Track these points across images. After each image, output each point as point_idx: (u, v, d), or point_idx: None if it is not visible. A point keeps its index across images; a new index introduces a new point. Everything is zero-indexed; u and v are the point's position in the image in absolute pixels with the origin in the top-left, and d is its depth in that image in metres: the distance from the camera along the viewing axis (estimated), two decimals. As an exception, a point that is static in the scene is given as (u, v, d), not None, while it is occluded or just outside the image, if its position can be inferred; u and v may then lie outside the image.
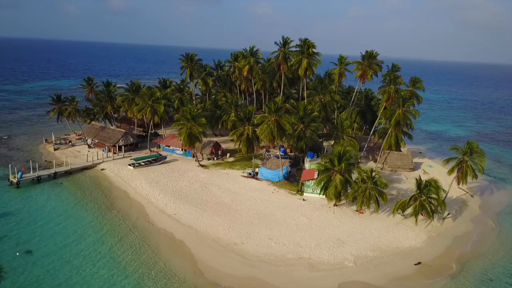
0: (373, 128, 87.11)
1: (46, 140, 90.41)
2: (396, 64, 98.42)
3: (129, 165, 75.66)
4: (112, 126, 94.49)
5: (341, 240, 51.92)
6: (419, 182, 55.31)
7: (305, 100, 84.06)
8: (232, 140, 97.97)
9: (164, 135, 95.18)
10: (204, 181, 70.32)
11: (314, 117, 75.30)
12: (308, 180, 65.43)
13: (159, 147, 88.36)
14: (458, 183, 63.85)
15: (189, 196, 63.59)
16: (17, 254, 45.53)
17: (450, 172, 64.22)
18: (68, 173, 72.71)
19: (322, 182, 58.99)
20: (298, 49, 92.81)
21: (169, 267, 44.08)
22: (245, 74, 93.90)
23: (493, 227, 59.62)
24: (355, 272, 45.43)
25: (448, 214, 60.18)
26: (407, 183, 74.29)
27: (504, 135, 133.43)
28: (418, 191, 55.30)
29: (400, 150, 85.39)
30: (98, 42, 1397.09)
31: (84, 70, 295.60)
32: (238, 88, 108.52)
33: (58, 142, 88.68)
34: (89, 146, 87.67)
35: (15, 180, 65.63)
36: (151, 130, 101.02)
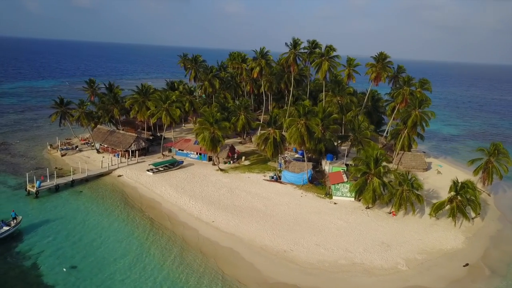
0: (387, 129, 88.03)
1: (50, 145, 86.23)
2: (401, 65, 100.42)
3: (148, 170, 73.29)
4: (117, 130, 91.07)
5: (385, 243, 52.08)
6: (456, 184, 56.29)
7: (323, 102, 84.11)
8: (240, 143, 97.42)
9: (173, 138, 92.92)
10: (229, 186, 69.03)
11: (333, 119, 75.54)
12: (337, 183, 65.40)
13: (171, 151, 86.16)
14: (484, 184, 65.54)
15: (221, 202, 62.19)
16: (64, 269, 42.95)
17: (476, 173, 65.81)
18: (84, 180, 69.69)
19: (358, 186, 59.10)
20: (306, 50, 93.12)
21: (236, 279, 42.81)
22: (255, 76, 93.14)
23: (519, 226, 61.50)
24: (411, 276, 45.61)
25: (478, 213, 61.53)
26: (425, 184, 75.39)
27: (493, 134, 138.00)
28: (454, 193, 56.29)
29: (410, 151, 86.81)
30: (64, 40, 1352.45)
31: (60, 70, 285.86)
32: (242, 90, 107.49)
33: (65, 147, 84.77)
34: (98, 151, 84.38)
35: (33, 190, 62.19)
36: (157, 133, 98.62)
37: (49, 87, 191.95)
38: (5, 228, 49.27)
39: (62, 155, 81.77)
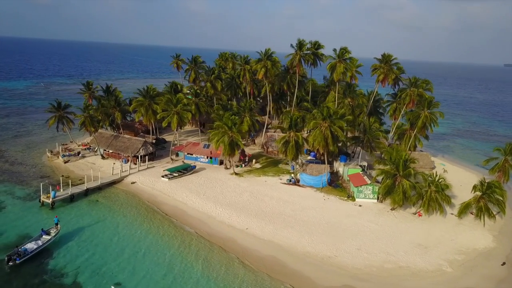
0: (393, 129, 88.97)
1: (51, 152, 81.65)
2: (401, 66, 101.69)
3: (163, 176, 70.79)
4: (121, 134, 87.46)
5: (422, 245, 52.45)
6: (483, 184, 57.62)
7: (335, 103, 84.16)
8: (244, 145, 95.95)
9: (178, 142, 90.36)
10: (250, 190, 67.64)
11: (346, 121, 75.63)
12: (361, 186, 65.52)
13: (178, 155, 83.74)
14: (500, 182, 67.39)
15: (248, 208, 60.78)
16: (112, 287, 40.51)
17: (493, 171, 67.63)
18: (97, 188, 66.40)
19: (387, 188, 59.39)
20: (309, 51, 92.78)
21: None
22: (260, 77, 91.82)
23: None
24: (457, 277, 46.04)
25: (498, 212, 63.29)
26: (436, 183, 77.05)
27: (477, 132, 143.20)
28: (481, 193, 57.61)
29: (415, 150, 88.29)
30: (23, 38, 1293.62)
31: (29, 70, 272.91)
32: (243, 91, 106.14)
33: (67, 154, 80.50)
34: (103, 157, 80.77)
35: (48, 201, 58.55)
36: (156, 136, 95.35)
37: (24, 88, 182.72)
38: (46, 237, 46.32)
39: (65, 162, 77.65)
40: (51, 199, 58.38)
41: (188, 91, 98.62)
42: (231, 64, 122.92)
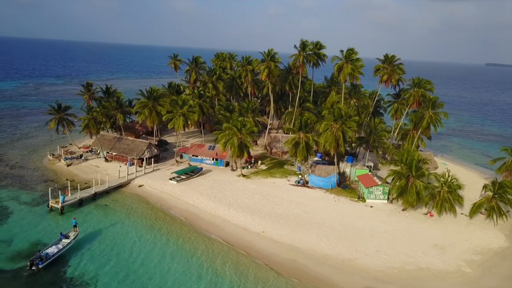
0: (397, 130, 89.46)
1: (52, 155, 79.66)
2: (401, 66, 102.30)
3: (171, 179, 69.72)
4: (123, 136, 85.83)
5: (438, 245, 52.65)
6: (495, 184, 58.20)
7: (341, 103, 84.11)
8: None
9: (180, 143, 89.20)
10: (259, 192, 67.06)
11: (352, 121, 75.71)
12: (371, 187, 65.57)
13: (182, 157, 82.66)
14: (507, 182, 68.27)
15: (261, 210, 60.17)
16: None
17: (501, 171, 68.52)
18: (105, 192, 64.99)
19: (400, 189, 59.50)
20: (311, 52, 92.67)
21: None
22: (263, 78, 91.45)
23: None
24: (478, 278, 46.24)
25: (508, 211, 64.05)
26: (441, 183, 77.62)
27: (471, 131, 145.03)
28: (492, 193, 58.19)
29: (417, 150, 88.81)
30: (5, 37, 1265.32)
31: (15, 70, 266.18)
32: (244, 91, 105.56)
33: (69, 157, 78.67)
34: (106, 160, 79.18)
35: (57, 206, 57.02)
36: (157, 137, 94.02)
37: (12, 89, 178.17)
38: (66, 241, 45.13)
39: (68, 165, 75.82)
40: (60, 204, 56.88)
41: (189, 92, 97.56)
42: (229, 65, 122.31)
